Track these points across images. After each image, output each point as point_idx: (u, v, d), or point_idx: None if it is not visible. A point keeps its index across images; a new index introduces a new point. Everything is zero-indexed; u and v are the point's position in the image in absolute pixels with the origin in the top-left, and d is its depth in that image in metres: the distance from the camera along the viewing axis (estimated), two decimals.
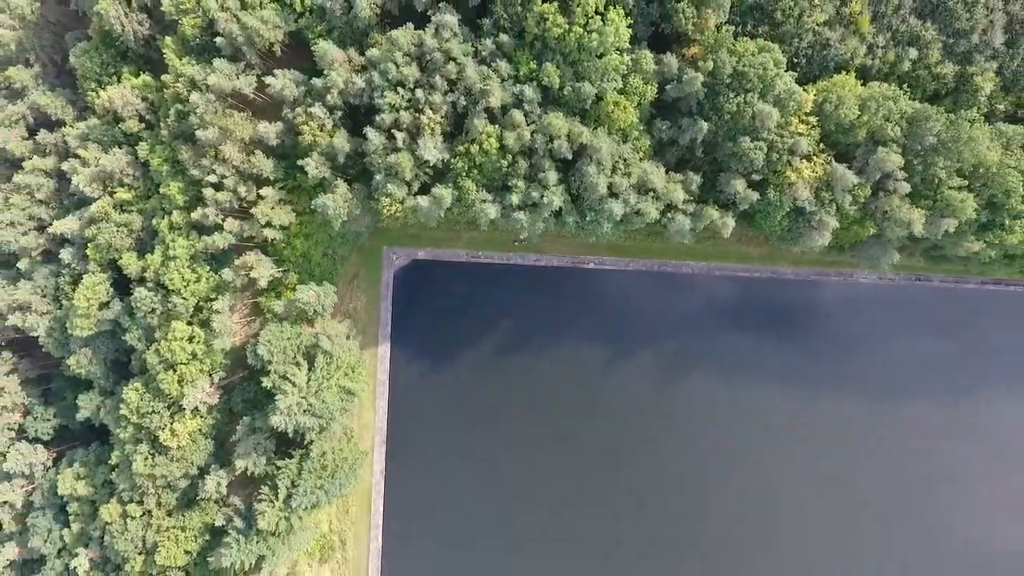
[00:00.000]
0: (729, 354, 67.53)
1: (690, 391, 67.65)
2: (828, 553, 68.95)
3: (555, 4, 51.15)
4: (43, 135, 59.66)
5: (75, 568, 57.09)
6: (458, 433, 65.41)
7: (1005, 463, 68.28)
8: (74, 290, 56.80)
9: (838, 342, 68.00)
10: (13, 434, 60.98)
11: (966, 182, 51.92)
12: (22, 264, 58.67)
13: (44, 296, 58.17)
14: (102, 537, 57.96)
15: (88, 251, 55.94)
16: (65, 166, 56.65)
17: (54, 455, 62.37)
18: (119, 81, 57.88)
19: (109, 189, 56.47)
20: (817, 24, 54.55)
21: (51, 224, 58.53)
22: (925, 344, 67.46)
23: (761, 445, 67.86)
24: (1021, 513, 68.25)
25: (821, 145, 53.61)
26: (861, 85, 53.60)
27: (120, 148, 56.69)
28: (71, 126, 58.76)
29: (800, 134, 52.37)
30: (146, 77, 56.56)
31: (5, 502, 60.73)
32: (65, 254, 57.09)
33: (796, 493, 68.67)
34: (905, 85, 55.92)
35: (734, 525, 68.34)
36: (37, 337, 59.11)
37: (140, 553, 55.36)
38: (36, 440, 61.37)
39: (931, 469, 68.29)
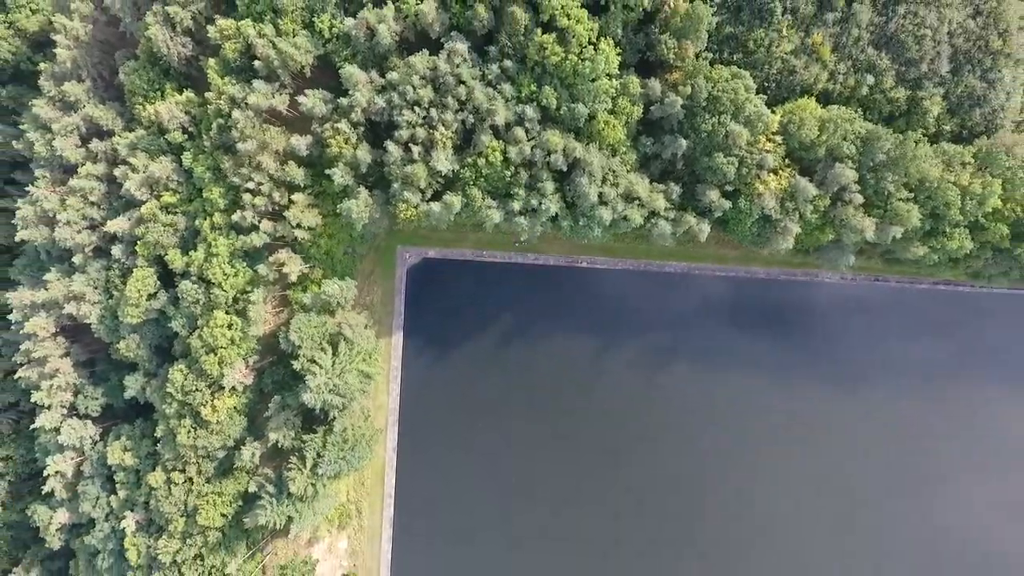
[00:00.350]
0: (712, 348, 74.68)
1: (677, 384, 74.72)
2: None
3: (553, 35, 58.25)
4: (95, 144, 66.64)
5: (123, 528, 64.28)
6: (463, 413, 72.74)
7: (990, 458, 74.42)
8: (123, 283, 63.98)
9: (814, 337, 75.11)
10: (65, 411, 68.03)
11: (912, 194, 59.05)
12: (76, 259, 65.64)
13: (96, 288, 65.16)
14: (146, 502, 65.16)
15: (137, 248, 62.98)
16: (117, 172, 63.64)
17: (100, 430, 69.42)
18: (163, 96, 64.87)
19: (156, 193, 63.48)
20: (784, 53, 61.67)
21: (102, 223, 65.61)
22: (899, 341, 74.88)
23: (753, 442, 74.06)
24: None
25: (786, 160, 60.76)
26: (822, 108, 60.71)
27: (165, 156, 63.71)
28: (120, 136, 65.72)
29: (767, 151, 59.52)
30: (189, 94, 63.53)
31: (58, 472, 67.82)
32: (116, 250, 64.11)
33: (792, 492, 73.93)
34: (863, 108, 63.37)
35: (732, 524, 73.55)
36: (89, 324, 66.18)
37: (182, 515, 62.54)
38: (85, 416, 68.44)
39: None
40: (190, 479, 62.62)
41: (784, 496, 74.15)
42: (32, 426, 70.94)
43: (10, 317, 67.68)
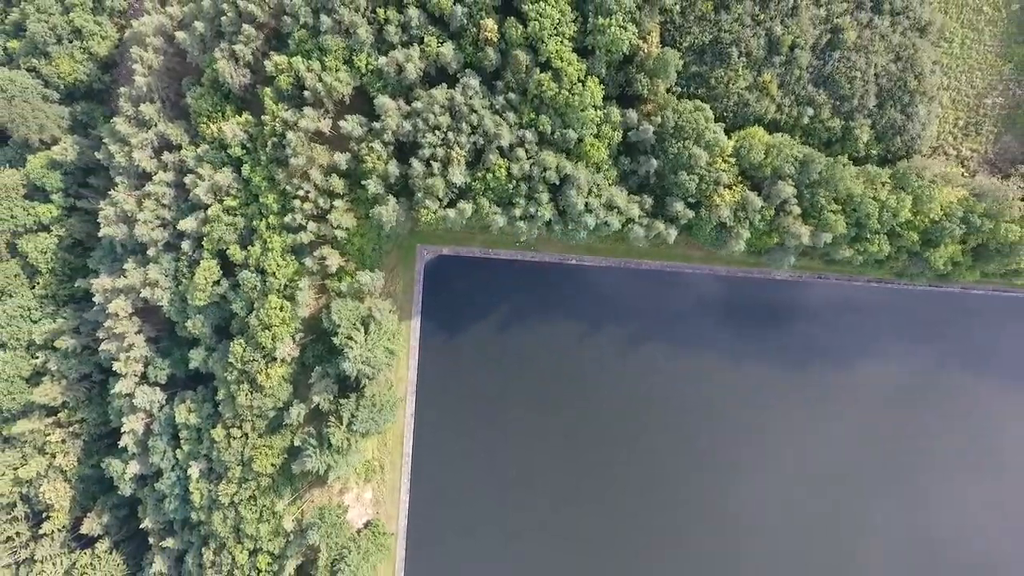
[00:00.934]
0: (684, 335, 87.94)
1: (648, 365, 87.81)
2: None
3: (549, 74, 71.18)
4: (165, 155, 79.63)
5: (188, 476, 77.47)
6: (470, 385, 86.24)
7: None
8: (191, 272, 77.06)
9: (777, 326, 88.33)
10: (137, 379, 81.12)
11: (840, 207, 72.04)
12: (151, 252, 78.58)
13: (167, 276, 78.17)
14: (207, 454, 78.31)
15: (204, 243, 76.00)
16: (187, 180, 76.60)
17: (165, 396, 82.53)
18: (224, 117, 77.81)
19: (219, 198, 76.44)
20: (740, 89, 74.61)
21: (172, 222, 78.63)
22: (845, 330, 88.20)
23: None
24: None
25: (739, 178, 73.70)
26: (769, 135, 73.71)
27: (227, 167, 76.70)
28: (187, 149, 78.66)
29: (723, 170, 72.48)
30: (247, 116, 76.50)
31: (131, 430, 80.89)
32: (185, 245, 77.14)
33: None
34: (805, 134, 76.35)
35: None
36: (159, 306, 79.30)
37: (239, 464, 75.66)
38: (155, 384, 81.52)
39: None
40: (245, 434, 75.72)
41: (759, 488, 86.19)
42: (107, 391, 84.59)
43: (95, 299, 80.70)
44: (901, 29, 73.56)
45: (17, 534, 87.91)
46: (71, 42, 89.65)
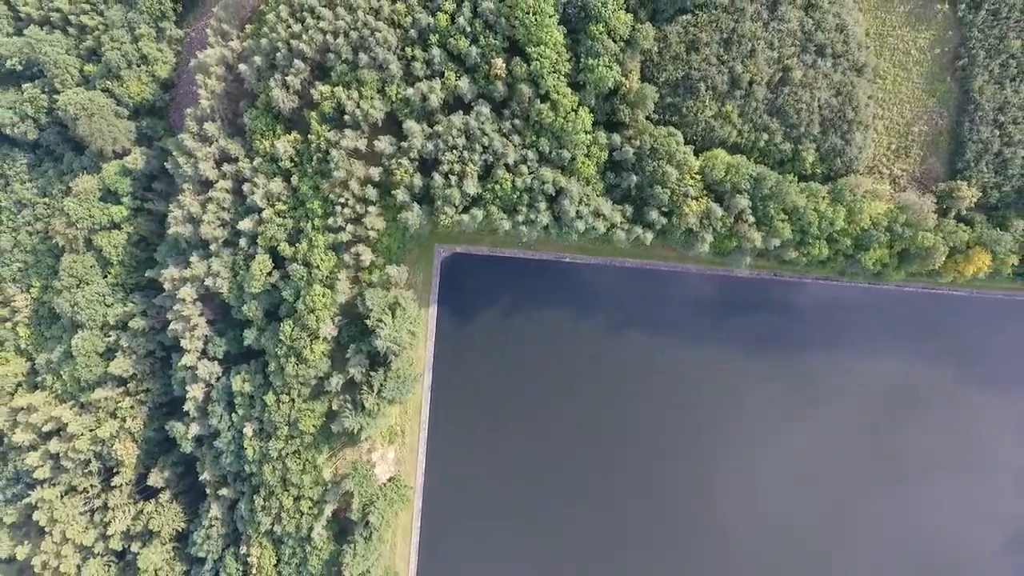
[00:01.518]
0: (656, 322, 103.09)
1: (623, 343, 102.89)
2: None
3: (548, 104, 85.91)
4: (225, 167, 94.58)
5: (244, 434, 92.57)
6: (478, 363, 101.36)
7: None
8: (247, 265, 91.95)
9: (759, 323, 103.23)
10: (199, 354, 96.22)
11: (786, 216, 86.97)
12: (212, 247, 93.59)
13: (226, 268, 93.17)
14: (259, 417, 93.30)
15: (259, 240, 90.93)
16: (244, 187, 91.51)
17: (221, 369, 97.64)
18: (275, 135, 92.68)
19: (271, 203, 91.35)
20: (707, 117, 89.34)
21: (231, 223, 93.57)
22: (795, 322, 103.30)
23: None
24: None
25: (704, 191, 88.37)
26: (730, 156, 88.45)
27: (278, 177, 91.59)
28: (243, 161, 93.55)
29: (690, 185, 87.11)
30: (296, 134, 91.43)
31: (194, 397, 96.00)
32: (242, 242, 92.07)
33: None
34: (762, 155, 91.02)
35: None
36: (218, 293, 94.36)
37: (287, 424, 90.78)
38: (213, 358, 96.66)
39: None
40: (292, 399, 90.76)
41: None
42: (169, 366, 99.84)
43: (165, 287, 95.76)
44: (841, 69, 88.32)
45: (92, 486, 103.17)
46: (139, 66, 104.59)
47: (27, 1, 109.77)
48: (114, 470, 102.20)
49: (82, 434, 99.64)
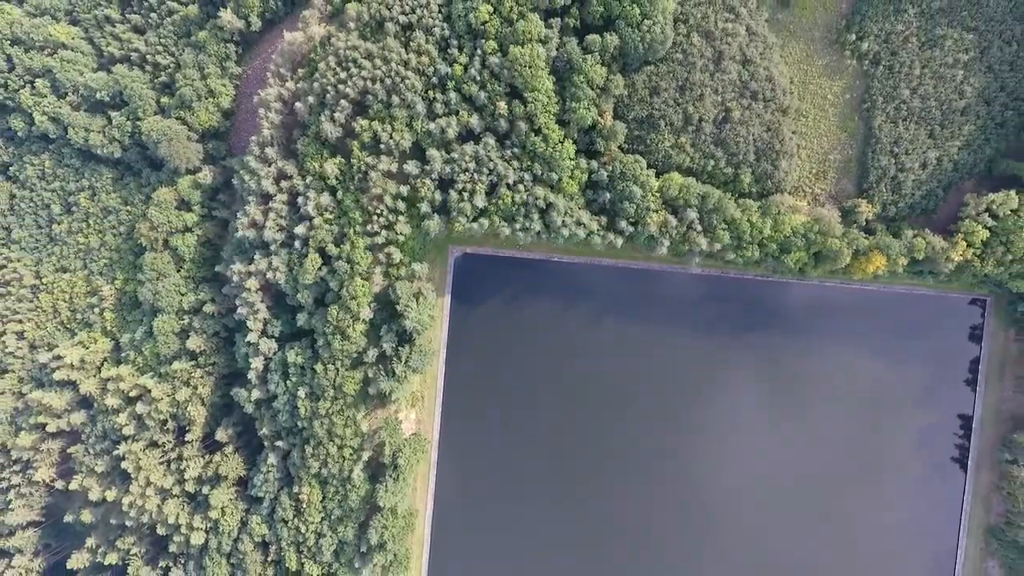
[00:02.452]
0: (628, 310, 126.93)
1: (605, 331, 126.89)
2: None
3: (540, 136, 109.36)
4: (282, 183, 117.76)
5: (298, 396, 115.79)
6: (485, 342, 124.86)
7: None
8: (301, 262, 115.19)
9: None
10: (260, 332, 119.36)
11: (727, 226, 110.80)
12: (272, 247, 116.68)
13: (284, 264, 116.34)
14: (308, 383, 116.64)
15: (310, 242, 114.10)
16: (299, 200, 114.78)
17: (277, 345, 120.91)
18: (323, 159, 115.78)
19: (320, 212, 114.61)
20: (665, 147, 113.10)
21: (287, 228, 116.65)
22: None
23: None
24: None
25: (663, 206, 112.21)
26: (683, 178, 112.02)
27: (325, 192, 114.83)
28: (297, 179, 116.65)
29: (652, 201, 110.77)
30: (340, 158, 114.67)
31: (255, 367, 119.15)
32: (297, 243, 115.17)
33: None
34: (710, 177, 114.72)
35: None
36: (277, 284, 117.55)
37: (332, 388, 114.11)
38: (271, 336, 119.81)
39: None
40: (336, 369, 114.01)
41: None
42: (232, 344, 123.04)
43: (233, 279, 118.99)
44: (770, 110, 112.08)
45: (168, 441, 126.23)
46: (206, 99, 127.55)
47: (110, 43, 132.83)
48: (186, 428, 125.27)
49: (162, 399, 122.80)
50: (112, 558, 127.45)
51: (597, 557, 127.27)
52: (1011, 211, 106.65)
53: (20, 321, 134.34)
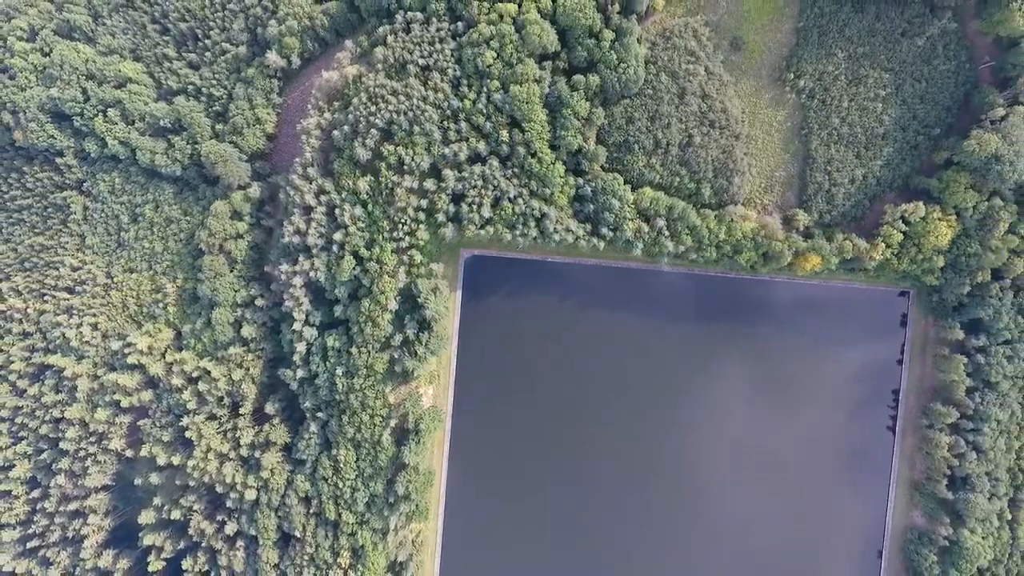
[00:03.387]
0: (610, 298, 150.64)
1: (593, 318, 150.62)
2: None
3: (536, 159, 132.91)
4: (321, 197, 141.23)
5: (336, 374, 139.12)
6: (491, 329, 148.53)
7: None
8: (338, 263, 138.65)
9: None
10: (303, 322, 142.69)
11: (689, 231, 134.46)
12: (313, 251, 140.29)
13: (324, 265, 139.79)
14: (345, 363, 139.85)
15: (345, 247, 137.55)
16: (336, 212, 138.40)
17: (317, 332, 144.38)
18: (355, 177, 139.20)
19: (354, 222, 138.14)
20: (639, 166, 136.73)
21: (326, 235, 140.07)
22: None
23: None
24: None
25: (637, 215, 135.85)
26: (654, 192, 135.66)
27: (358, 205, 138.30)
28: (334, 194, 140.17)
29: (628, 211, 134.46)
30: (370, 177, 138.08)
31: (299, 351, 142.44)
32: (334, 247, 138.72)
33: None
34: (677, 191, 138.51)
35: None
36: (318, 282, 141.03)
37: (366, 367, 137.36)
38: (312, 325, 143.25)
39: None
40: (368, 351, 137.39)
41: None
42: (277, 333, 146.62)
43: (281, 277, 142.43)
44: (725, 136, 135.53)
45: (224, 414, 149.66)
46: (254, 125, 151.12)
47: (168, 77, 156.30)
48: (240, 403, 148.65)
49: (220, 379, 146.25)
50: (176, 514, 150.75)
51: (592, 507, 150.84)
52: (920, 218, 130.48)
53: (94, 315, 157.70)
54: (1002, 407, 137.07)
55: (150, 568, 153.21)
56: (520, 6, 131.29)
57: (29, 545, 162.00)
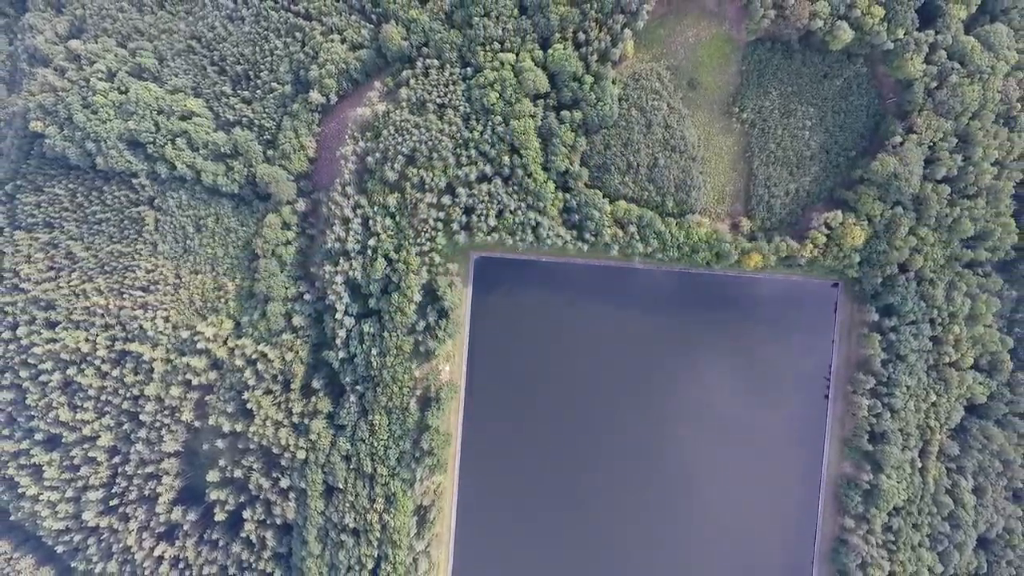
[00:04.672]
0: (592, 290, 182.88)
1: (580, 308, 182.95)
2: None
3: (531, 178, 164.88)
4: (357, 210, 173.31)
5: (371, 354, 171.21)
6: (498, 317, 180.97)
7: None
8: (372, 264, 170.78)
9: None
10: (343, 312, 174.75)
11: (656, 235, 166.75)
12: (352, 255, 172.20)
13: (360, 266, 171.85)
14: (379, 346, 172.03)
15: (378, 251, 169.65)
16: (369, 223, 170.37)
17: (355, 320, 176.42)
18: (385, 194, 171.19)
19: (384, 230, 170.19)
20: (616, 183, 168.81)
21: (361, 240, 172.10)
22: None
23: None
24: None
25: (614, 223, 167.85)
26: (627, 204, 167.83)
27: (388, 217, 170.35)
28: (367, 208, 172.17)
29: (606, 219, 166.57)
30: (397, 194, 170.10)
31: (340, 336, 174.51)
32: (369, 251, 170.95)
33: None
34: (646, 204, 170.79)
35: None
36: (356, 279, 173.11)
37: (395, 348, 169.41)
38: (350, 315, 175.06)
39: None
40: (397, 335, 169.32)
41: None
42: (321, 321, 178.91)
43: (326, 276, 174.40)
44: (684, 159, 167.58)
45: (278, 390, 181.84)
46: (299, 151, 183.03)
47: (225, 111, 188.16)
48: (291, 380, 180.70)
49: (274, 360, 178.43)
50: (237, 473, 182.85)
51: (586, 454, 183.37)
52: (839, 224, 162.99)
53: (166, 309, 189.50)
54: (910, 375, 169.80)
55: (216, 518, 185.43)
56: (518, 55, 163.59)
57: (111, 503, 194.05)
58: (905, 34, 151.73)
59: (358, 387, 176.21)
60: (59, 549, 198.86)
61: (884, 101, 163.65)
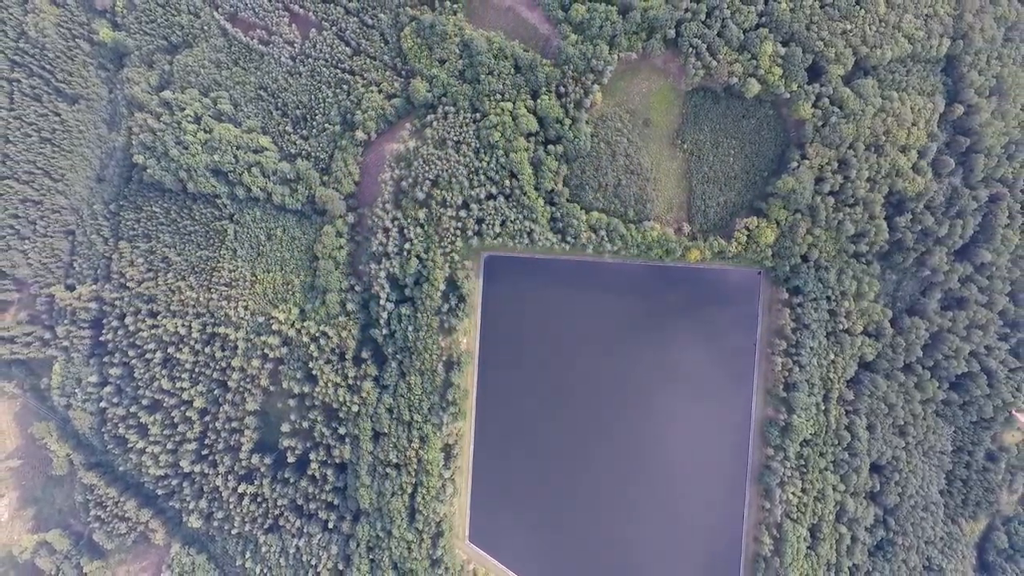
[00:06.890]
0: (578, 280, 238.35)
1: (573, 299, 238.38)
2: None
3: (527, 196, 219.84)
4: (394, 222, 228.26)
5: (407, 330, 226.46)
6: (505, 306, 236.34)
7: None
8: (408, 262, 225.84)
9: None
10: (385, 299, 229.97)
11: (619, 237, 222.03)
12: (391, 256, 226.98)
13: (398, 264, 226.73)
14: (413, 324, 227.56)
15: (412, 251, 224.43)
16: (404, 231, 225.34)
17: (394, 305, 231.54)
18: (416, 208, 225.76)
19: (416, 237, 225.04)
20: (590, 198, 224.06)
21: (399, 243, 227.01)
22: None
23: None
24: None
25: (588, 228, 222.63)
26: (599, 215, 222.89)
27: (419, 227, 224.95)
28: (402, 220, 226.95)
29: (583, 226, 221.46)
30: (425, 209, 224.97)
31: (383, 317, 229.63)
32: (404, 253, 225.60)
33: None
34: (616, 214, 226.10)
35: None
36: (395, 274, 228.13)
37: (425, 325, 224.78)
38: (391, 301, 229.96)
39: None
40: (427, 316, 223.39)
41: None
42: (366, 307, 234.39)
43: (372, 272, 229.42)
44: (641, 179, 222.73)
45: (335, 359, 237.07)
46: (348, 177, 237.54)
47: (287, 145, 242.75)
48: (345, 353, 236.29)
49: (332, 337, 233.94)
50: (304, 424, 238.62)
51: (575, 415, 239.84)
52: (756, 227, 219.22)
53: (245, 300, 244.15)
54: (813, 339, 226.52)
55: (288, 460, 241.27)
56: (514, 104, 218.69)
57: (202, 453, 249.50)
58: (798, 87, 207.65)
59: (397, 356, 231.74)
60: (159, 492, 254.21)
61: (788, 135, 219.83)
